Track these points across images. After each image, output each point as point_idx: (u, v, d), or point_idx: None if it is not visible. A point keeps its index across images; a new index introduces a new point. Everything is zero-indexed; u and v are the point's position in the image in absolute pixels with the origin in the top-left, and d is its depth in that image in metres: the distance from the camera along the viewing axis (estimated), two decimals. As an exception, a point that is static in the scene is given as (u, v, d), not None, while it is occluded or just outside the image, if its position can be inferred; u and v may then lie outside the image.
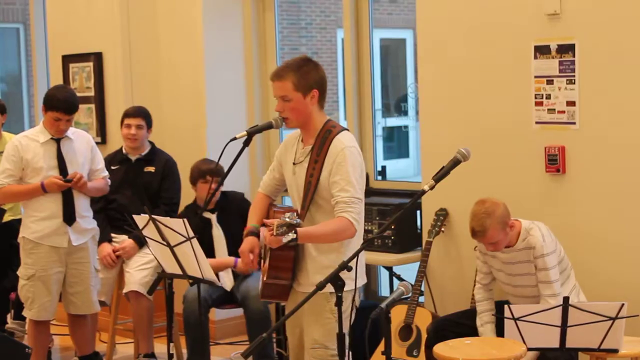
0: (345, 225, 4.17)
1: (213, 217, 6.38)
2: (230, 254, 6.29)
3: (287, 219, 3.90)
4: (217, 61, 7.38)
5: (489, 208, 4.92)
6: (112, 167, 6.58)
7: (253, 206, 4.62)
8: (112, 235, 6.58)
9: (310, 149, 4.33)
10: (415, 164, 14.58)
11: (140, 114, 6.65)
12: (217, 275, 6.17)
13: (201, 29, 7.31)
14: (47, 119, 5.94)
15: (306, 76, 4.29)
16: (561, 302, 4.24)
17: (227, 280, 6.30)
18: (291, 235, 3.91)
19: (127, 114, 6.68)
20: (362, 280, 4.39)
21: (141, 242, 6.40)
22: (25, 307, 6.08)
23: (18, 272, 6.07)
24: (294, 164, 4.40)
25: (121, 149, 6.77)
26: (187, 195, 6.64)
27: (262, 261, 4.52)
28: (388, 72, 15.96)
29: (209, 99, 7.35)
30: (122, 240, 6.53)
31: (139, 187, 6.61)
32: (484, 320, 5.16)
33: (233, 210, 6.41)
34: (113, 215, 6.60)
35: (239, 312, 6.40)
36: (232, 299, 6.34)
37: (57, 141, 5.98)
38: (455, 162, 3.91)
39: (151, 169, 6.66)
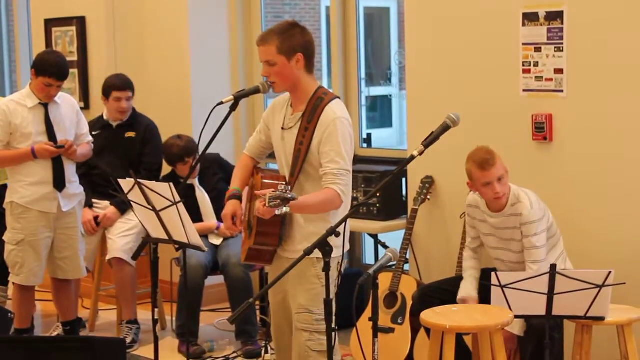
0: (332, 196, 4.16)
1: (195, 181, 6.38)
2: (215, 213, 6.30)
3: (280, 192, 3.84)
4: (201, 27, 7.32)
5: (487, 147, 4.96)
6: (94, 133, 6.52)
7: (237, 168, 4.59)
8: (94, 200, 6.54)
9: (300, 116, 4.29)
10: (398, 134, 14.54)
11: (128, 86, 6.58)
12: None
13: (186, -6, 7.26)
14: (38, 84, 5.85)
15: (290, 40, 4.25)
16: (547, 270, 4.24)
17: (214, 237, 6.34)
18: (285, 209, 3.86)
19: (116, 87, 6.57)
20: (347, 246, 4.38)
21: (123, 208, 6.38)
22: (12, 273, 6.03)
23: (4, 238, 6.03)
24: (282, 129, 4.37)
25: (102, 115, 6.72)
26: (165, 166, 6.61)
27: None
28: (370, 41, 15.88)
29: (193, 64, 7.30)
30: (104, 207, 6.50)
31: (120, 153, 6.58)
32: (468, 274, 5.15)
33: (211, 170, 6.47)
34: (95, 180, 6.56)
35: (219, 279, 6.38)
36: (214, 266, 6.34)
37: (45, 106, 5.91)
38: (444, 128, 3.87)
39: (132, 134, 6.63)
